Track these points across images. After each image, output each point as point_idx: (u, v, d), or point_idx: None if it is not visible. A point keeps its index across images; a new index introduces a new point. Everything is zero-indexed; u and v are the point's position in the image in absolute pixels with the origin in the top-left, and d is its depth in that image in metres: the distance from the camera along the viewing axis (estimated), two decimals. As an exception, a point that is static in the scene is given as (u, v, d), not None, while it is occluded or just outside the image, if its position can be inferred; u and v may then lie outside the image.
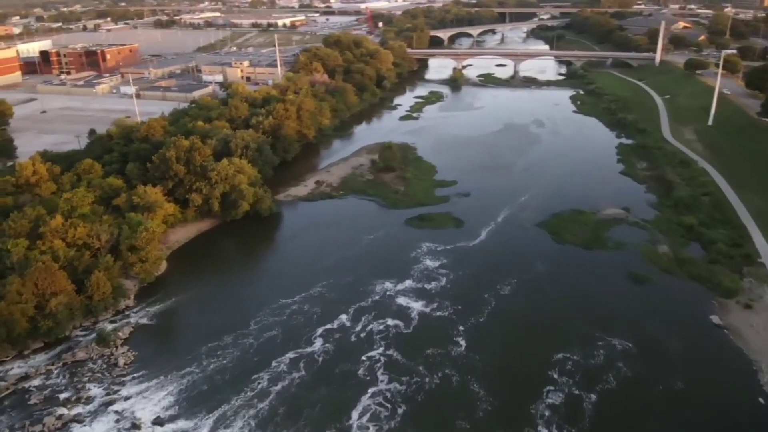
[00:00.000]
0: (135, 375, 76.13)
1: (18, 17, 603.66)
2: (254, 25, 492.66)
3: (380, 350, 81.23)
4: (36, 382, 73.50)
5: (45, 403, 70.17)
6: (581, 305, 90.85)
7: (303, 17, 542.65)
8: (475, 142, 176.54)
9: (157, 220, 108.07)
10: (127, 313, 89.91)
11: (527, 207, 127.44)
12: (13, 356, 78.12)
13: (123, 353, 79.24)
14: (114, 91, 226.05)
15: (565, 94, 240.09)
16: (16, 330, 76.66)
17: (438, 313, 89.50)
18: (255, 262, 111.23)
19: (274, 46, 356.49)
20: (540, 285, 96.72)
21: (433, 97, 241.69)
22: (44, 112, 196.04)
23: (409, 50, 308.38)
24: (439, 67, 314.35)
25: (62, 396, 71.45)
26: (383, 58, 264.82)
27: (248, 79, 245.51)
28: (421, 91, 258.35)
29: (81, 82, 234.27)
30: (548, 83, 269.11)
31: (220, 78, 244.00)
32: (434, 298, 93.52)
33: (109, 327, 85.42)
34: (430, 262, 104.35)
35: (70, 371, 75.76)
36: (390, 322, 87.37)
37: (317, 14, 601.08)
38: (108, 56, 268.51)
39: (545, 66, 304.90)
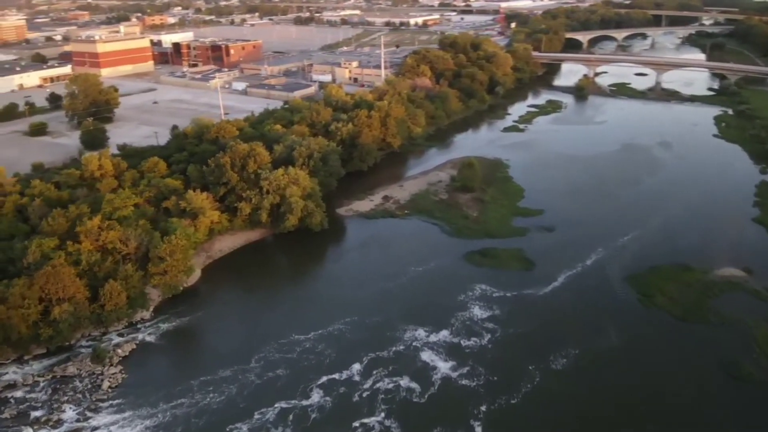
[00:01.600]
0: (113, 402, 70.90)
1: (180, 8, 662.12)
2: (387, 24, 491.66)
3: (378, 418, 68.53)
4: (19, 393, 71.15)
5: (15, 419, 67.27)
6: (653, 405, 70.00)
7: (437, 16, 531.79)
8: (582, 164, 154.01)
9: (202, 228, 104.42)
10: (139, 326, 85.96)
11: (621, 253, 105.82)
12: (13, 359, 77.00)
13: (112, 374, 74.66)
14: (226, 86, 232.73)
15: (708, 113, 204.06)
16: (14, 335, 75.20)
17: (464, 382, 74.29)
18: (287, 282, 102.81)
19: (396, 46, 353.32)
20: (605, 364, 77.01)
21: (549, 107, 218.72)
22: (155, 102, 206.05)
23: (535, 53, 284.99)
24: (570, 73, 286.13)
25: (34, 414, 68.15)
26: (501, 61, 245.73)
27: (355, 80, 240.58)
28: (539, 99, 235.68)
29: (199, 76, 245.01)
30: (692, 99, 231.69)
31: (328, 78, 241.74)
32: (467, 359, 78.28)
33: (116, 340, 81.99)
34: (477, 311, 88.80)
35: (55, 386, 72.58)
36: (404, 383, 74.00)
37: (453, 13, 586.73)
38: (232, 51, 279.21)
39: (694, 78, 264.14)
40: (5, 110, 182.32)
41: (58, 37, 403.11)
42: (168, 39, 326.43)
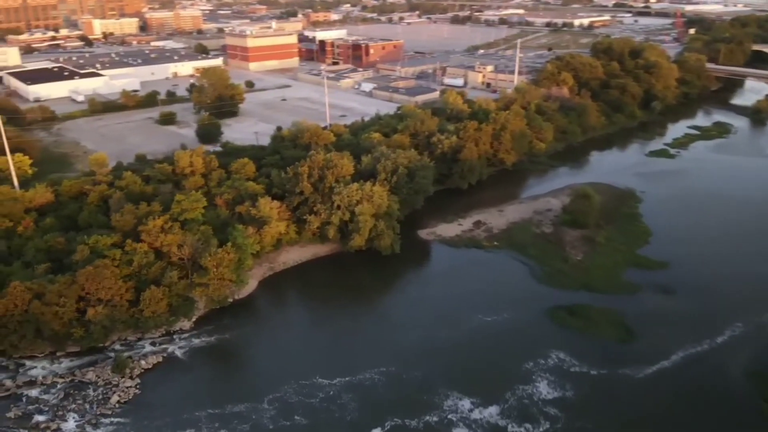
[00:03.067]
0: (115, 419, 67.66)
1: (349, 5, 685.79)
2: (547, 25, 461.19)
3: None
4: (34, 391, 70.93)
5: (18, 421, 66.66)
6: None
7: (607, 17, 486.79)
8: (738, 208, 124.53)
9: (267, 237, 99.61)
10: (175, 337, 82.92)
11: (760, 333, 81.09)
12: (46, 353, 77.66)
13: (126, 388, 71.71)
14: (355, 86, 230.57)
15: None
16: (46, 331, 75.62)
17: (494, 483, 59.37)
18: (336, 308, 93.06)
19: (548, 49, 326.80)
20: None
21: (714, 131, 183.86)
22: (284, 100, 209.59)
23: (710, 65, 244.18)
24: (752, 92, 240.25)
25: (38, 418, 67.13)
26: (663, 73, 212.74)
27: (488, 85, 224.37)
28: (704, 120, 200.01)
29: (332, 75, 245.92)
30: None
31: (460, 82, 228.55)
32: (508, 452, 62.99)
33: (146, 349, 79.59)
34: (544, 388, 72.34)
35: (69, 390, 71.35)
36: (420, 468, 61.18)
37: (628, 14, 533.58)
38: (371, 51, 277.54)
39: None
40: (147, 97, 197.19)
41: (238, 29, 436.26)
42: (320, 36, 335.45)
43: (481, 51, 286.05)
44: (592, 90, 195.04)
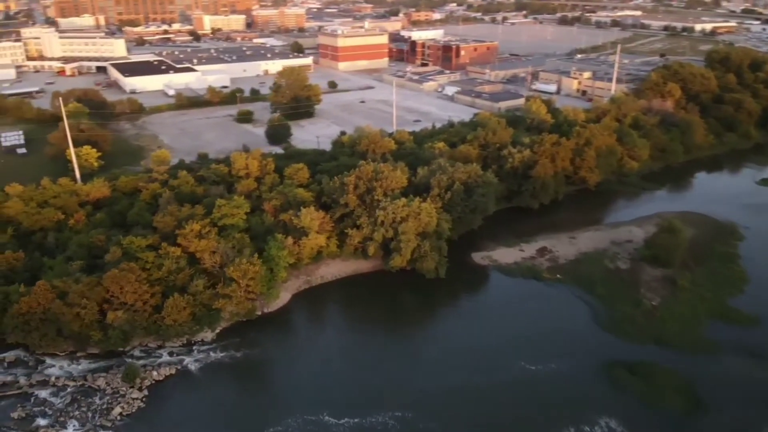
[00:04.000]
0: (113, 434, 65.64)
1: (455, 4, 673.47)
2: (665, 28, 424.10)
3: None
4: (44, 393, 70.56)
5: (20, 422, 66.26)
6: None
7: (733, 23, 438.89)
8: None
9: (306, 249, 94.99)
10: (194, 348, 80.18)
11: None
12: (68, 353, 77.58)
13: (131, 400, 69.59)
14: (439, 89, 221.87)
15: None
16: (66, 332, 75.48)
17: None
18: (364, 333, 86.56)
19: (660, 55, 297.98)
20: None
21: None
22: (362, 102, 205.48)
23: None
24: None
25: (39, 422, 66.44)
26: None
27: (584, 93, 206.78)
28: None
29: (416, 77, 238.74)
30: None
31: (552, 88, 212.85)
32: None
33: (162, 359, 77.40)
34: (581, 462, 61.28)
35: (77, 395, 70.25)
36: None
37: (757, 22, 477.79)
38: (462, 52, 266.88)
39: None
40: (231, 94, 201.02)
41: (329, 28, 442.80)
42: (415, 36, 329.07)
43: (579, 56, 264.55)
44: (702, 104, 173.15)
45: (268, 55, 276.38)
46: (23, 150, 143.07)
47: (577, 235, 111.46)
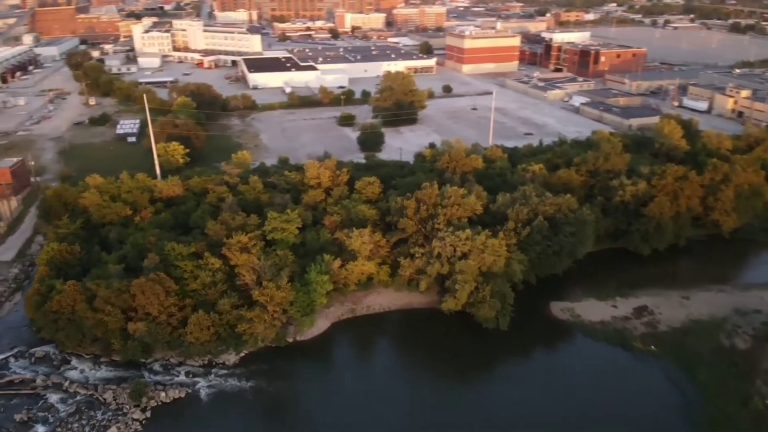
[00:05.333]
0: (99, 457, 62.52)
1: (615, 4, 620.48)
2: None
3: None
4: (55, 397, 69.62)
5: (19, 426, 65.41)
6: None
7: None
8: None
9: (353, 275, 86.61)
10: (213, 370, 75.44)
11: None
12: (93, 356, 76.68)
13: (131, 420, 66.21)
14: (565, 99, 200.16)
15: None
16: (89, 336, 74.42)
17: None
18: (398, 384, 74.62)
19: None
20: None
21: None
22: (474, 109, 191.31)
23: None
24: None
25: (37, 429, 65.17)
26: None
27: (740, 114, 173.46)
28: None
29: (542, 84, 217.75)
30: None
31: (703, 106, 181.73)
32: None
33: (177, 378, 73.58)
34: None
35: (83, 406, 68.29)
36: None
37: None
38: (602, 58, 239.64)
39: None
40: (343, 95, 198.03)
41: (469, 29, 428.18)
42: (557, 38, 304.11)
43: (738, 70, 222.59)
44: None
45: (392, 56, 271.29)
46: (133, 139, 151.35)
47: (691, 295, 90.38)
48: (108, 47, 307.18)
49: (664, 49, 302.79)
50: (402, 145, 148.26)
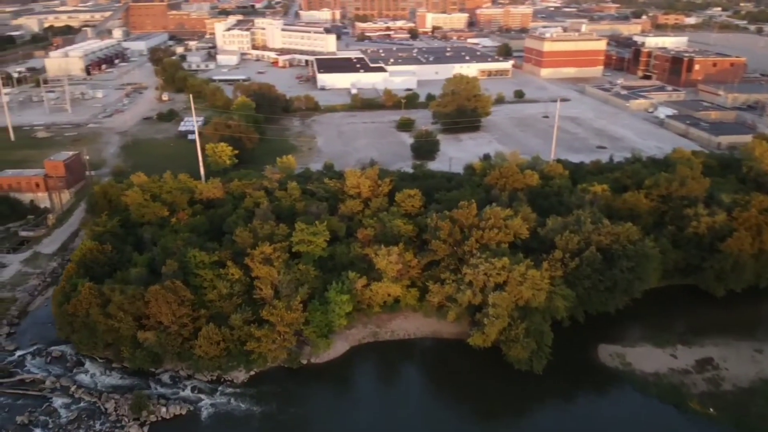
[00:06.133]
0: (88, 472, 60.58)
1: (720, 8, 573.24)
2: None
3: None
4: (60, 401, 68.69)
5: (19, 428, 64.78)
6: None
7: None
8: None
9: (377, 296, 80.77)
10: (220, 387, 72.19)
11: None
12: (105, 359, 75.59)
13: (127, 435, 64.18)
14: (650, 110, 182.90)
15: None
16: (100, 341, 73.30)
17: None
18: (417, 417, 67.84)
19: None
20: None
21: None
22: (545, 117, 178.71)
23: None
24: None
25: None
26: None
27: None
28: None
29: (625, 92, 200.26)
30: None
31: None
32: None
33: (182, 393, 70.89)
34: None
35: (83, 413, 66.96)
36: None
37: None
38: (696, 66, 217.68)
39: None
40: (406, 98, 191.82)
41: (550, 30, 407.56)
42: (648, 42, 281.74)
43: None
44: None
45: (466, 58, 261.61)
46: (193, 137, 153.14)
47: (766, 349, 77.09)
48: (192, 44, 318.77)
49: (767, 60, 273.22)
50: (459, 154, 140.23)
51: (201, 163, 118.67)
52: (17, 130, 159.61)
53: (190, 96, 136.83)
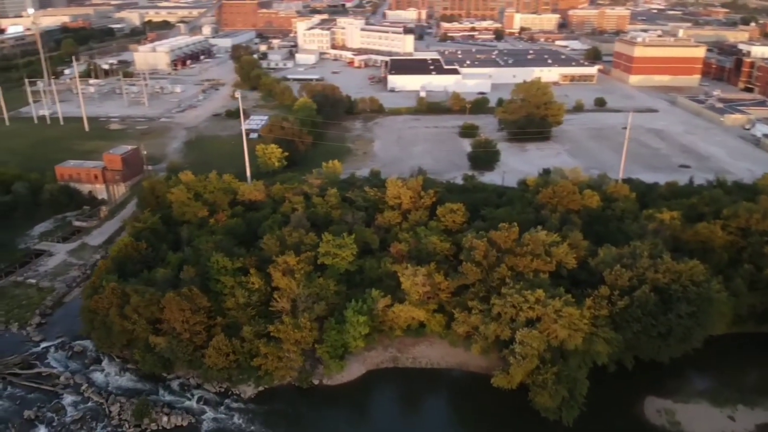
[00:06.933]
0: (80, 477, 59.85)
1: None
2: None
3: None
4: (69, 398, 68.98)
5: (24, 424, 65.26)
6: None
7: None
8: None
9: (400, 318, 75.37)
10: (227, 401, 69.73)
11: None
12: (121, 360, 75.38)
13: (124, 442, 63.09)
14: (746, 127, 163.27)
15: None
16: (116, 342, 73.03)
17: None
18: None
19: None
20: None
21: None
22: (624, 128, 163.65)
23: None
24: None
25: (38, 428, 64.62)
26: None
27: None
28: None
29: (720, 105, 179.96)
30: None
31: None
32: None
33: (188, 404, 69.11)
34: None
35: (89, 413, 66.72)
36: None
37: None
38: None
39: None
40: (474, 104, 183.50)
41: (642, 35, 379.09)
42: (756, 51, 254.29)
43: None
44: None
45: (549, 61, 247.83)
46: (255, 135, 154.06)
47: None
48: (275, 42, 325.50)
49: None
50: (521, 165, 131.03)
51: (247, 164, 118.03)
52: (94, 121, 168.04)
53: (239, 97, 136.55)
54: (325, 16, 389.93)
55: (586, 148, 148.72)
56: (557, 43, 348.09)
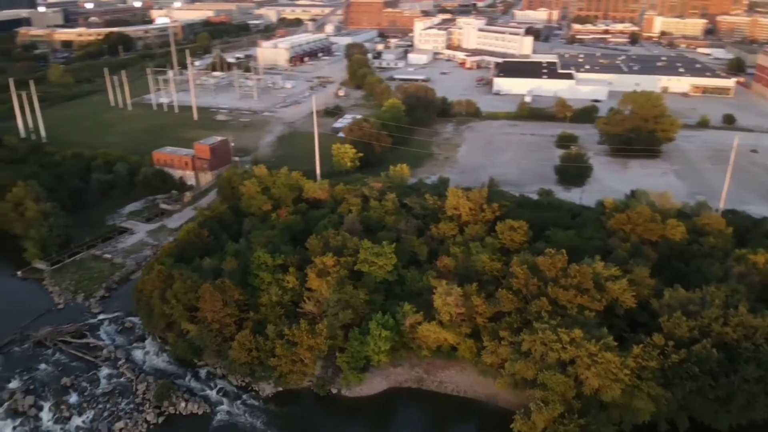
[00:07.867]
0: (94, 447, 63.38)
1: None
2: None
3: None
4: (104, 372, 73.38)
5: (57, 390, 70.23)
6: None
7: None
8: None
9: (429, 339, 71.37)
10: (245, 396, 70.61)
11: None
12: (162, 341, 78.96)
13: (142, 422, 65.90)
14: None
15: None
16: (156, 323, 76.66)
17: None
18: None
19: None
20: None
21: None
22: (755, 151, 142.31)
23: None
24: None
25: (69, 398, 69.12)
26: None
27: None
28: None
29: None
30: None
31: None
32: None
33: (208, 393, 70.90)
34: None
35: (117, 390, 70.46)
36: None
37: None
38: None
39: None
40: (582, 111, 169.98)
41: None
42: None
43: None
44: None
45: (680, 69, 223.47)
46: (341, 134, 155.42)
47: None
48: (392, 41, 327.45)
49: None
50: (618, 184, 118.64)
51: (317, 162, 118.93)
52: (205, 111, 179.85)
53: (313, 99, 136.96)
54: (448, 16, 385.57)
55: (699, 169, 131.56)
56: (699, 50, 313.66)
